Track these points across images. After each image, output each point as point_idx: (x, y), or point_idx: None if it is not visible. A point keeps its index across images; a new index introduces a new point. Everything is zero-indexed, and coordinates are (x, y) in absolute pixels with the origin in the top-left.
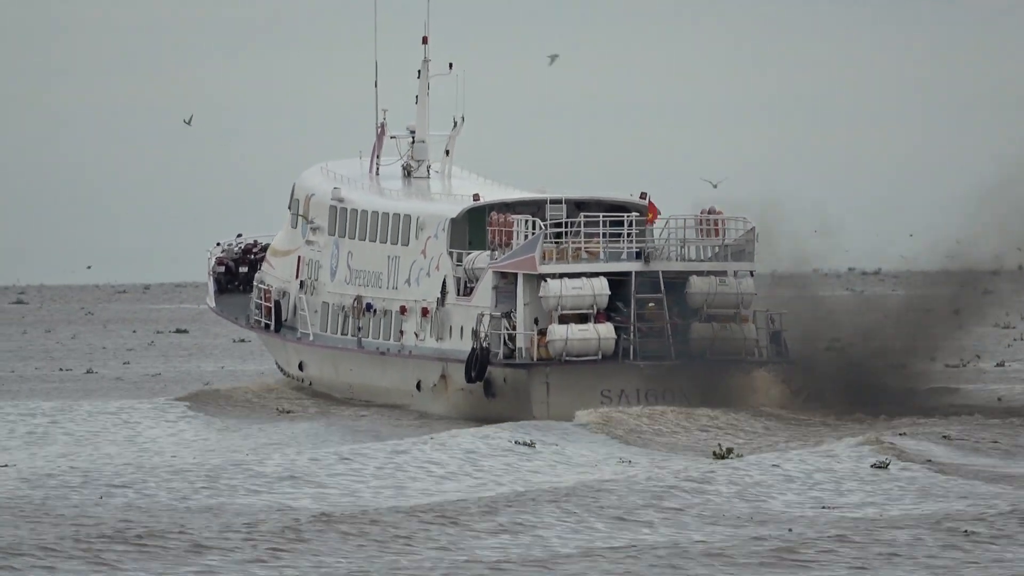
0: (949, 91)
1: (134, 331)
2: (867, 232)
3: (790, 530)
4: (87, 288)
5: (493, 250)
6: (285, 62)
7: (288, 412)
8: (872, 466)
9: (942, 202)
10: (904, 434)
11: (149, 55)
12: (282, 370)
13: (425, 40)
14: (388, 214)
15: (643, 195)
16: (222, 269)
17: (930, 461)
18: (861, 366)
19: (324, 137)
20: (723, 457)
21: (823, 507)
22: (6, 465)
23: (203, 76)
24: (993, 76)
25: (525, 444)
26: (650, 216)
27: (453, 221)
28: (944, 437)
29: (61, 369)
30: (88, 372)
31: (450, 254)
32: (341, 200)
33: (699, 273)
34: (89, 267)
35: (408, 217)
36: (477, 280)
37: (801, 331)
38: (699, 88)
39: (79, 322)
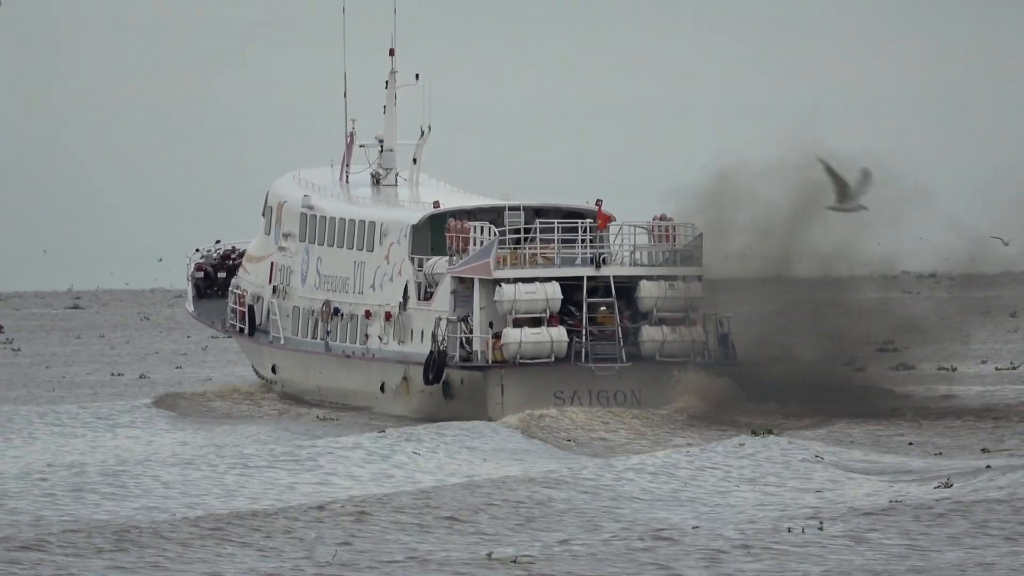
0: (949, 91)
1: (188, 336)
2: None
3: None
4: (143, 293)
5: (451, 256)
6: (285, 62)
7: (328, 419)
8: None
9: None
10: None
11: (149, 55)
12: (257, 373)
13: (392, 52)
14: (354, 221)
15: (598, 202)
16: (201, 275)
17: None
18: (811, 369)
19: (319, 139)
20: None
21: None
22: None
23: (203, 76)
24: (993, 77)
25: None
26: (600, 223)
27: (414, 227)
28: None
29: (113, 374)
30: (141, 377)
31: (412, 260)
32: (311, 207)
33: (649, 278)
34: None
35: (372, 224)
36: (437, 285)
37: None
38: (698, 88)
39: (134, 327)
